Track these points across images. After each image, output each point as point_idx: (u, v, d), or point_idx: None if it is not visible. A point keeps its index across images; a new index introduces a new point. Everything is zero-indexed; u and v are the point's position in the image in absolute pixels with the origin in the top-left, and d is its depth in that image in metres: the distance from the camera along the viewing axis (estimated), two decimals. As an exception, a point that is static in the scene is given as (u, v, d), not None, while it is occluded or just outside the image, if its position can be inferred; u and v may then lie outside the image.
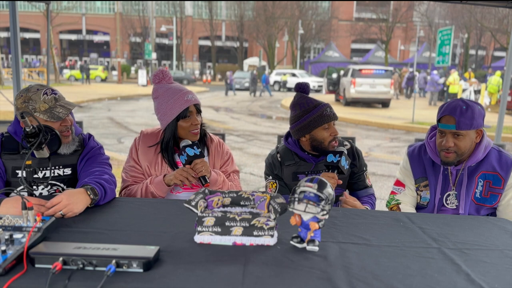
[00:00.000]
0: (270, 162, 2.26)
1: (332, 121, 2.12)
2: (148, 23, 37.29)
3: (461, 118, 1.88)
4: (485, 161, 1.98)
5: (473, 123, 1.89)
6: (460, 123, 1.88)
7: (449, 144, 1.92)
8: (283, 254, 1.25)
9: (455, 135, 1.92)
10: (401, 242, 1.39)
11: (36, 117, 1.71)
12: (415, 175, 2.11)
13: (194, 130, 2.06)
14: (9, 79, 20.30)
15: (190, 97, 2.04)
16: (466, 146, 1.93)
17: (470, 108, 1.90)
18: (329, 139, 2.11)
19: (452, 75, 18.65)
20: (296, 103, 2.16)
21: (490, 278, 1.15)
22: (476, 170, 1.99)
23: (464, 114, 1.89)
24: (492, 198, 1.98)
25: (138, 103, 18.47)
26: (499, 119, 3.74)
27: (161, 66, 19.64)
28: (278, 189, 2.20)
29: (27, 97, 1.80)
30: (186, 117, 2.03)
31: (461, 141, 1.91)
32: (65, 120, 1.84)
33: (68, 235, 1.36)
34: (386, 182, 6.18)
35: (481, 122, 1.93)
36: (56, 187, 1.90)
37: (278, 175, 2.23)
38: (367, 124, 12.96)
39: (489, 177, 1.98)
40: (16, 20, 3.43)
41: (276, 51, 41.66)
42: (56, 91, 1.88)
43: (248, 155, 8.00)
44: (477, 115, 1.90)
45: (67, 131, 1.85)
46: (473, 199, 1.99)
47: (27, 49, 47.18)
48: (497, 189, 1.97)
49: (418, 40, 35.48)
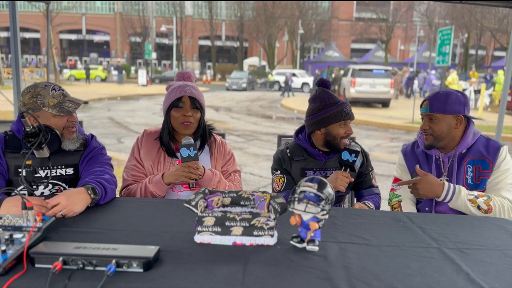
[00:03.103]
0: (279, 157, 2.27)
1: (349, 120, 2.17)
2: (148, 23, 37.32)
3: (434, 101, 2.01)
4: (473, 147, 2.05)
5: (446, 107, 1.98)
6: (432, 106, 2.01)
7: (425, 126, 2.05)
8: (283, 254, 1.25)
9: (430, 119, 2.03)
10: (401, 242, 1.39)
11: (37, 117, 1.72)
12: (410, 169, 2.17)
13: (185, 122, 2.07)
14: (8, 79, 20.28)
15: (187, 89, 2.08)
16: (442, 130, 2.01)
17: (446, 94, 2.02)
18: (343, 136, 2.15)
19: (451, 75, 18.64)
20: (317, 97, 2.19)
21: (490, 278, 1.15)
22: (465, 156, 2.05)
23: (439, 98, 2.01)
24: (483, 183, 2.02)
25: (138, 103, 18.46)
26: (499, 119, 3.73)
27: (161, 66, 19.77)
28: (286, 183, 2.21)
29: (35, 93, 1.81)
30: (178, 106, 2.06)
31: (435, 124, 2.01)
32: (72, 115, 1.86)
33: (68, 235, 1.36)
34: (386, 182, 6.18)
35: (460, 109, 2.00)
36: (58, 187, 1.90)
37: (286, 170, 2.24)
38: (367, 124, 12.97)
39: (478, 162, 2.02)
40: (16, 20, 3.44)
41: (276, 51, 41.66)
42: (62, 88, 1.91)
43: (248, 155, 8.00)
44: (453, 101, 1.99)
45: (73, 127, 1.87)
46: (466, 186, 2.02)
47: (27, 49, 47.19)
48: (486, 173, 2.01)
49: (418, 40, 35.54)
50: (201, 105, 2.12)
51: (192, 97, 2.08)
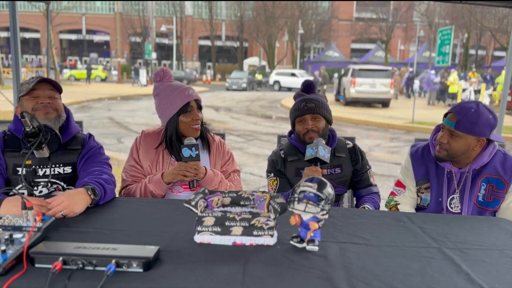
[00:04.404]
0: (272, 159, 2.28)
1: (309, 115, 2.12)
2: (148, 23, 37.27)
3: (462, 119, 1.84)
4: (489, 164, 1.94)
5: (473, 128, 1.83)
6: (459, 123, 1.84)
7: (443, 140, 1.90)
8: (283, 254, 1.25)
9: (451, 134, 1.88)
10: (401, 242, 1.39)
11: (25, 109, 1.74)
12: (417, 177, 2.06)
13: (195, 126, 2.08)
14: (8, 79, 20.29)
15: (191, 93, 2.08)
16: (459, 149, 1.88)
17: (477, 113, 1.83)
18: (302, 132, 2.14)
19: (452, 75, 18.63)
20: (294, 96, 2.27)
21: (490, 278, 1.15)
22: (480, 173, 1.94)
23: (468, 116, 1.83)
24: (495, 202, 1.94)
25: (138, 103, 18.46)
26: (499, 119, 3.73)
27: (161, 66, 19.65)
28: (279, 186, 2.21)
29: (21, 84, 1.90)
30: (187, 112, 2.06)
31: (455, 141, 1.87)
32: (43, 98, 1.85)
33: (68, 235, 1.36)
34: (386, 182, 6.18)
35: (486, 132, 1.85)
36: (56, 185, 1.90)
37: (280, 171, 2.24)
38: (367, 124, 12.95)
39: (493, 181, 1.93)
40: (16, 20, 3.43)
41: (276, 51, 41.64)
42: (49, 79, 1.91)
43: (248, 155, 8.00)
44: (482, 123, 1.83)
45: (44, 108, 1.85)
46: (476, 203, 1.95)
47: (27, 49, 47.14)
48: (500, 193, 1.92)
49: (418, 40, 35.54)
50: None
51: (196, 99, 2.10)
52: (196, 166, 1.96)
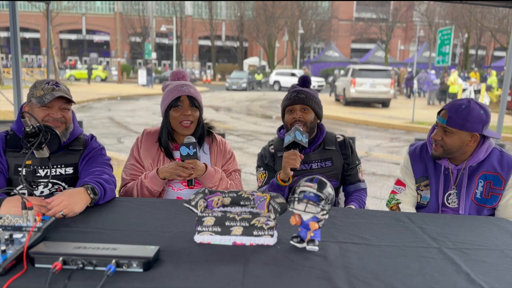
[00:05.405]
0: (261, 154, 2.33)
1: (299, 105, 2.14)
2: (148, 23, 37.29)
3: (453, 115, 1.89)
4: (486, 161, 1.97)
5: (465, 124, 1.87)
6: (450, 119, 1.89)
7: (437, 136, 1.95)
8: (283, 254, 1.25)
9: (444, 131, 1.93)
10: (401, 242, 1.39)
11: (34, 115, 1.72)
12: (416, 174, 2.10)
13: (185, 122, 2.07)
14: (8, 79, 20.27)
15: (185, 88, 2.08)
16: (453, 145, 1.92)
17: (468, 109, 1.88)
18: (290, 122, 2.15)
19: (452, 75, 18.63)
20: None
21: (490, 278, 1.15)
22: (477, 170, 1.98)
23: (459, 112, 1.89)
24: (493, 199, 1.97)
25: (138, 103, 18.46)
26: (499, 119, 3.73)
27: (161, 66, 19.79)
28: (267, 179, 2.24)
29: (33, 85, 1.88)
30: (177, 106, 2.06)
31: (448, 137, 1.92)
32: (54, 111, 1.83)
33: (68, 235, 1.36)
34: (386, 182, 6.18)
35: (478, 128, 1.89)
36: (58, 186, 1.90)
37: (269, 165, 2.26)
38: (367, 124, 12.95)
39: (490, 177, 1.96)
40: (16, 20, 3.43)
41: (276, 51, 41.65)
42: (61, 85, 1.89)
43: (248, 155, 8.00)
44: (473, 119, 1.87)
45: (53, 122, 1.83)
46: (474, 200, 1.98)
47: (27, 49, 47.17)
48: (497, 190, 1.95)
49: (418, 40, 35.54)
50: (199, 104, 2.13)
51: (190, 96, 2.08)
52: (194, 164, 1.96)
